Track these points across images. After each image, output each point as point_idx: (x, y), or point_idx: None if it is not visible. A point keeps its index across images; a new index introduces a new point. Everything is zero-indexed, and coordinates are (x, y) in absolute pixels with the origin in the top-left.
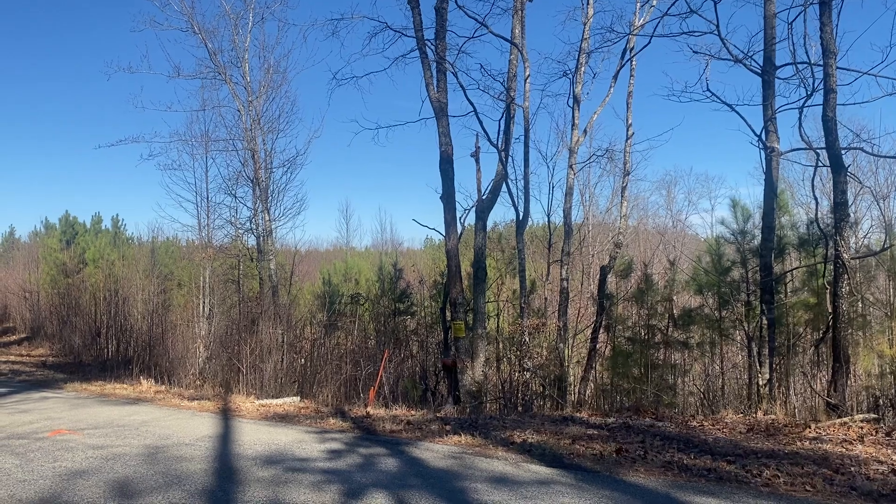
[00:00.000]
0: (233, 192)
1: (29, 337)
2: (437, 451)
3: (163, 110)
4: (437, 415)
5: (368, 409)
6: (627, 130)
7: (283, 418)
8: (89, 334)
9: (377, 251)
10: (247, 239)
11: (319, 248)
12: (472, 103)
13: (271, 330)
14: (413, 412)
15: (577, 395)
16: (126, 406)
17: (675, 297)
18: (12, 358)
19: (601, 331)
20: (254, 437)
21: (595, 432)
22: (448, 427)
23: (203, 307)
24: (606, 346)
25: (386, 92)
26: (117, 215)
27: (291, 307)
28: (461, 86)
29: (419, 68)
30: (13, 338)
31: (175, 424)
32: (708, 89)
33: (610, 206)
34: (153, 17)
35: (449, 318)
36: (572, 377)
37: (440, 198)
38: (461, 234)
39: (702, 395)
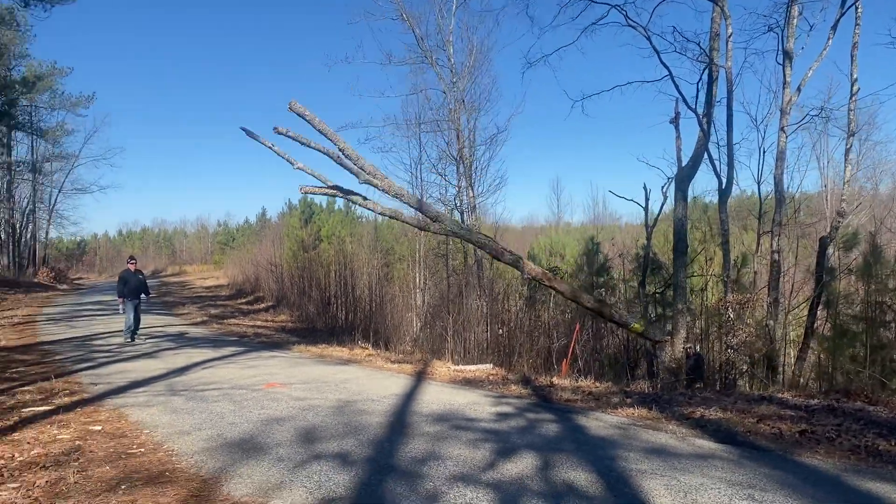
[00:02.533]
0: (441, 171)
1: (274, 305)
2: (604, 422)
3: (376, 97)
4: (626, 389)
5: (553, 379)
6: (852, 87)
7: (470, 383)
8: (321, 303)
9: (591, 226)
10: (455, 215)
11: (535, 224)
12: (666, 67)
13: (476, 302)
14: (598, 385)
15: (791, 376)
16: (335, 366)
17: None
18: (258, 323)
19: (819, 307)
20: (434, 398)
21: (790, 413)
22: (629, 400)
23: (418, 280)
24: (825, 324)
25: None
26: None
27: (494, 281)
28: (655, 49)
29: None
30: (262, 306)
31: (370, 383)
32: None
33: (855, 172)
34: (367, 9)
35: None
36: (785, 356)
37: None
38: (662, 203)
39: None
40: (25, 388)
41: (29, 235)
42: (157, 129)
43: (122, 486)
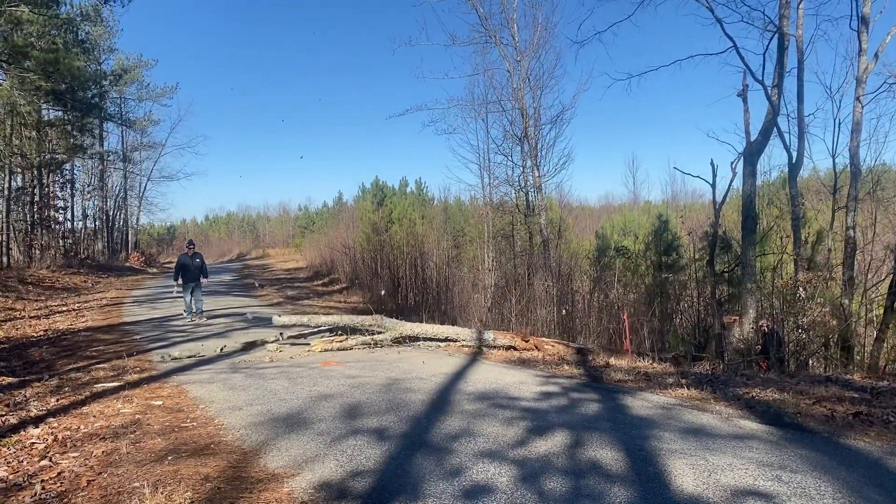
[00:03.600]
0: (506, 151)
1: (347, 287)
2: (650, 402)
3: (440, 78)
4: (683, 369)
5: (611, 359)
6: None
7: (524, 362)
8: (392, 284)
9: (671, 204)
10: (521, 195)
11: (612, 203)
12: (731, 38)
13: (542, 282)
14: (655, 365)
15: (868, 357)
16: (394, 345)
17: None
18: (332, 304)
19: None
20: (482, 377)
21: (854, 395)
22: (684, 381)
23: (487, 261)
24: None
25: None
26: (420, 178)
27: (561, 261)
28: (718, 20)
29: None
30: (336, 287)
31: (424, 362)
32: None
33: None
34: None
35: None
36: (865, 337)
37: None
38: (731, 180)
39: None
40: (101, 365)
41: (121, 222)
42: (238, 116)
43: (169, 457)
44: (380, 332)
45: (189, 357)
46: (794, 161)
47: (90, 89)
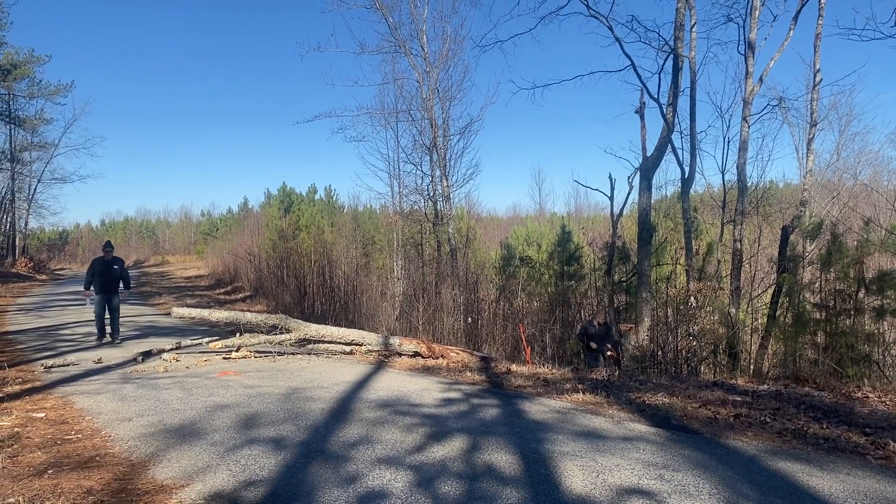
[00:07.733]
0: (415, 160)
1: (252, 295)
2: (547, 406)
3: (350, 86)
4: (581, 375)
5: (512, 366)
6: (815, 76)
7: (428, 370)
8: (298, 292)
9: (574, 216)
10: (430, 204)
11: (520, 214)
12: (629, 57)
13: (450, 291)
14: (554, 371)
15: (753, 364)
16: (298, 355)
17: (869, 260)
18: (235, 311)
19: (782, 295)
20: (385, 384)
21: (737, 398)
22: (581, 386)
23: (396, 269)
24: (787, 313)
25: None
26: (329, 185)
27: (469, 270)
28: (617, 39)
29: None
30: (240, 295)
31: (327, 371)
32: None
33: (832, 162)
34: None
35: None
36: (750, 344)
37: None
38: (629, 193)
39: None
40: None
41: (7, 226)
42: (138, 118)
43: (50, 471)
44: (283, 333)
45: (76, 366)
46: (686, 176)
47: None
